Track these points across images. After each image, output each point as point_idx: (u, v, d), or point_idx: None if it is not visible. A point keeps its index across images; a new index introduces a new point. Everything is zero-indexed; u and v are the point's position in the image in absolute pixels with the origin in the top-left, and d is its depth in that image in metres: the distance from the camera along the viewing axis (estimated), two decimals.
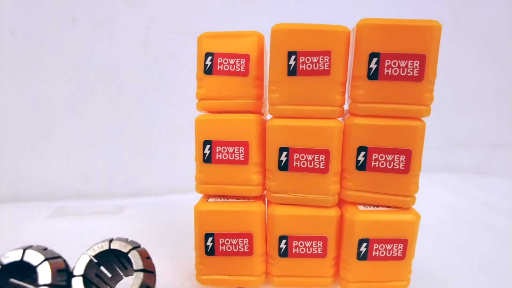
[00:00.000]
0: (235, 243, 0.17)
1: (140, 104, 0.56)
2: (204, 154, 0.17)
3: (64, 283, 0.12)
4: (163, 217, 0.28)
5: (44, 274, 0.12)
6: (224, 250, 0.17)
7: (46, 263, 0.12)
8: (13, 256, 0.12)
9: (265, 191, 0.18)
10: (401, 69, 0.15)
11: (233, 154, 0.17)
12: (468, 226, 0.30)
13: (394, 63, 0.15)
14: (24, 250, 0.13)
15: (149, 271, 0.13)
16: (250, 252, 0.17)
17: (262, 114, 0.18)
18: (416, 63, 0.15)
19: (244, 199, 0.17)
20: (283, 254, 0.17)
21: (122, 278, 0.15)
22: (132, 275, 0.13)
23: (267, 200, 0.17)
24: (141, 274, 0.12)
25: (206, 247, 0.17)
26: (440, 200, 0.41)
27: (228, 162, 0.17)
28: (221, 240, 0.17)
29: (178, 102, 0.56)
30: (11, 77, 0.52)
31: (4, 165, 0.51)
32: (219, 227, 0.17)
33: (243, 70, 0.17)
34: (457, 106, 0.64)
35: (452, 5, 0.63)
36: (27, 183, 0.51)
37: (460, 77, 0.61)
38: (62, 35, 0.52)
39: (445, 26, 0.48)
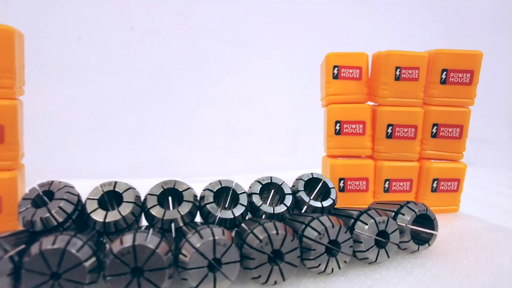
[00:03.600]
0: (358, 184, 0.28)
1: (186, 103, 0.66)
2: (335, 129, 0.28)
3: None
4: None
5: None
6: (350, 188, 0.28)
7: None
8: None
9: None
10: (459, 78, 0.27)
11: (355, 129, 0.28)
12: (468, 203, 0.40)
13: (455, 75, 0.27)
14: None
15: None
16: (366, 190, 0.28)
17: None
18: (468, 75, 0.27)
19: (360, 158, 0.29)
20: (386, 190, 0.28)
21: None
22: None
23: (375, 158, 0.29)
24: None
25: (339, 186, 0.28)
26: None
27: (351, 134, 0.28)
28: (349, 182, 0.28)
29: (219, 102, 0.67)
30: (75, 77, 0.61)
31: (63, 156, 0.59)
32: (347, 174, 0.28)
33: (358, 77, 0.29)
34: None
35: (445, 21, 0.78)
36: (83, 173, 0.59)
37: None
38: (121, 41, 0.62)
39: (439, 35, 0.69)
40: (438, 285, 0.18)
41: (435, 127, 0.28)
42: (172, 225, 0.19)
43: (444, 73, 0.27)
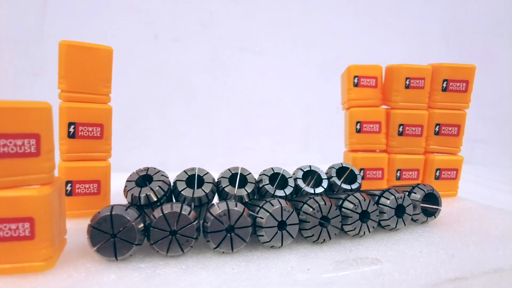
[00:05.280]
0: (375, 173, 0.35)
1: (206, 106, 0.72)
2: (356, 128, 0.35)
3: None
4: None
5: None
6: (369, 177, 0.35)
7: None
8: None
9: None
10: (457, 86, 0.34)
11: (373, 128, 0.35)
12: (465, 196, 0.46)
13: (454, 84, 0.34)
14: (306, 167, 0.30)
15: None
16: (382, 178, 0.35)
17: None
18: (464, 84, 0.34)
19: (375, 152, 0.35)
20: (398, 178, 0.35)
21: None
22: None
23: (389, 151, 0.35)
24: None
25: (361, 175, 0.34)
26: None
27: (370, 132, 0.35)
28: (368, 172, 0.34)
29: (236, 105, 0.73)
30: None
31: None
32: (366, 165, 0.34)
33: (374, 85, 0.35)
34: None
35: (442, 28, 0.86)
36: (113, 169, 0.65)
37: None
38: (147, 48, 0.68)
39: (436, 42, 0.79)
40: (443, 243, 0.25)
41: (438, 127, 0.35)
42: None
43: (445, 82, 0.34)
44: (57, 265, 0.20)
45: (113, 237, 0.20)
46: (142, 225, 0.21)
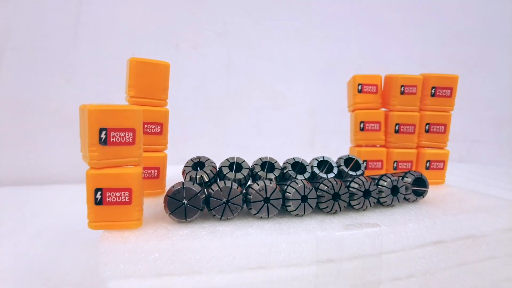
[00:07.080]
0: (375, 164, 0.43)
1: (221, 109, 0.81)
2: (360, 127, 0.43)
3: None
4: None
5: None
6: (370, 167, 0.43)
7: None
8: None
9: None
10: (443, 92, 0.42)
11: (374, 126, 0.43)
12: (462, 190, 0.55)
13: (441, 90, 0.42)
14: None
15: None
16: (381, 168, 0.43)
17: None
18: (449, 90, 0.42)
19: (376, 146, 0.44)
20: (395, 168, 0.43)
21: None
22: None
23: (387, 146, 0.44)
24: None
25: (364, 165, 0.43)
26: None
27: (371, 130, 0.43)
28: (369, 163, 0.43)
29: (248, 108, 0.81)
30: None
31: None
32: (368, 158, 0.43)
33: (375, 91, 0.44)
34: None
35: (440, 35, 0.94)
36: None
37: None
38: (168, 56, 0.76)
39: (434, 51, 0.92)
40: (429, 215, 0.33)
41: (428, 125, 0.43)
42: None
43: (433, 89, 0.42)
44: (143, 224, 0.29)
45: (183, 204, 0.29)
46: (204, 195, 0.30)
